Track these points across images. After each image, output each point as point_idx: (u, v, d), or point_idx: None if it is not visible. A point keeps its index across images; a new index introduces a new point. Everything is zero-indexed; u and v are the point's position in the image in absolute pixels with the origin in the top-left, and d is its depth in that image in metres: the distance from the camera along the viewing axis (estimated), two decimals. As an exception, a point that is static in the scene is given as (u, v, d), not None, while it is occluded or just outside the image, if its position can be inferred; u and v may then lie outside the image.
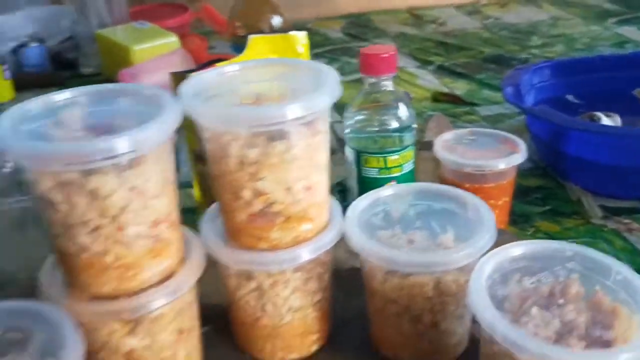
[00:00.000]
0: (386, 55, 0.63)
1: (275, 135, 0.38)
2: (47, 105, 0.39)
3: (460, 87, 1.10)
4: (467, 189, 0.67)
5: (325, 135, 0.41)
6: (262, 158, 0.38)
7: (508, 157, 0.66)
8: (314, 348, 0.47)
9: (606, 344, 0.35)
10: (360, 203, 0.46)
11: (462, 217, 0.45)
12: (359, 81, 0.72)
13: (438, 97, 1.06)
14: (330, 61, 1.24)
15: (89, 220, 0.35)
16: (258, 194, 0.39)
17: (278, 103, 0.41)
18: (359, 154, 0.67)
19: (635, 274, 0.36)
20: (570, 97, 0.87)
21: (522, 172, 0.80)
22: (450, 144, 0.70)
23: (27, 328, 0.37)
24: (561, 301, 0.37)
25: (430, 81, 1.14)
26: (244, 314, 0.45)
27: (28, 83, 1.08)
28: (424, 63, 1.23)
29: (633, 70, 0.88)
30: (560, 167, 0.78)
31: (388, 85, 0.66)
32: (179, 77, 0.53)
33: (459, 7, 1.56)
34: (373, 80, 0.65)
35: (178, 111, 0.37)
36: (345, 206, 0.46)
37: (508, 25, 1.42)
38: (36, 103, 0.38)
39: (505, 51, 1.25)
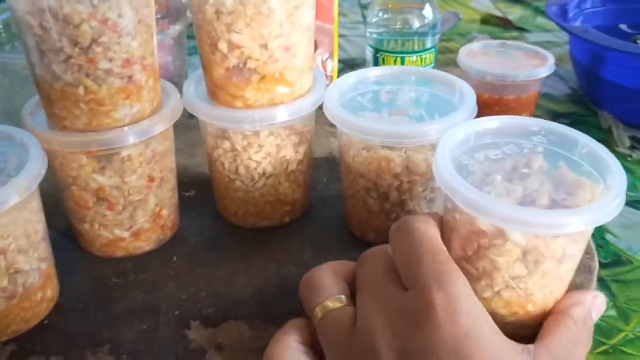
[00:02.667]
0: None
1: (252, -15, 0.38)
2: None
3: (514, 12, 1.05)
4: (486, 100, 0.65)
5: (308, -5, 0.40)
6: (238, 8, 0.38)
7: (531, 70, 0.63)
8: (286, 219, 0.47)
9: (568, 210, 0.34)
10: (347, 78, 0.45)
11: (449, 102, 0.44)
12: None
13: (488, 20, 1.01)
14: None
15: (62, 48, 0.36)
16: (233, 47, 0.39)
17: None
18: (377, 52, 0.65)
19: (601, 145, 0.35)
20: (623, 27, 0.81)
21: (557, 97, 0.76)
22: (475, 53, 0.68)
23: (2, 150, 0.39)
24: (525, 171, 0.35)
25: (483, 4, 1.09)
26: (220, 175, 0.46)
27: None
28: (481, -14, 1.17)
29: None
30: (596, 94, 0.73)
31: (413, -20, 0.63)
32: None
33: None
34: (399, -26, 0.62)
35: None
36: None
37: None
38: None
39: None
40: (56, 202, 0.44)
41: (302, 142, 0.45)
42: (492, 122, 0.38)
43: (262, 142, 0.43)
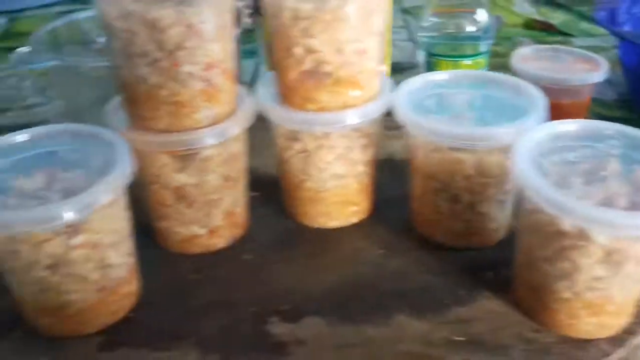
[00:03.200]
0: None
1: (331, -9, 0.39)
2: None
3: (557, 17, 1.04)
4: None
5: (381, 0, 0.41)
6: (316, 13, 0.39)
7: (586, 74, 0.63)
8: (354, 219, 0.48)
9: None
10: (413, 82, 0.46)
11: (516, 106, 0.44)
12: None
13: (531, 24, 1.01)
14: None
15: (148, 52, 0.38)
16: (309, 51, 0.40)
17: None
18: (430, 55, 0.66)
19: None
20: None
21: (605, 102, 0.76)
22: (528, 57, 0.68)
23: (86, 149, 0.41)
24: (603, 173, 0.36)
25: (525, 8, 1.09)
26: (290, 176, 0.47)
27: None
28: (523, -9, 1.17)
29: None
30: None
31: (468, -15, 0.64)
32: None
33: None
34: (453, -21, 0.63)
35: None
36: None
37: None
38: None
39: (616, -15, 1.16)
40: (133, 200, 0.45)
41: (370, 144, 0.46)
42: (566, 126, 0.39)
43: (333, 144, 0.44)
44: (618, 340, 0.37)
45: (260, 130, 0.47)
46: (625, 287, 0.35)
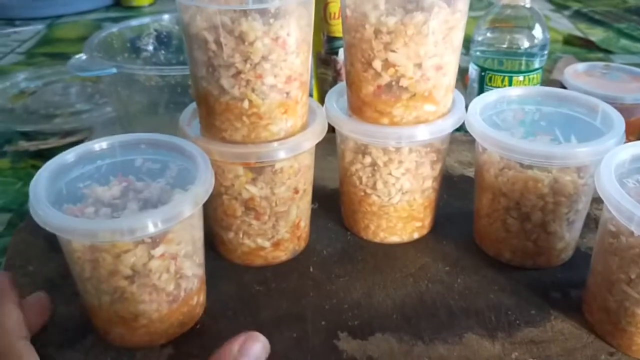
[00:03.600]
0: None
1: (414, 6, 0.39)
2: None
3: (596, 34, 1.04)
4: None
5: (463, 15, 0.41)
6: (399, 28, 0.39)
7: (639, 93, 0.63)
8: (416, 235, 0.48)
9: None
10: (486, 97, 0.46)
11: (590, 124, 0.44)
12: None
13: (571, 40, 1.01)
14: None
15: (233, 63, 0.38)
16: (388, 65, 0.40)
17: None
18: (483, 71, 0.66)
19: None
20: None
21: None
22: (580, 74, 0.68)
23: (164, 159, 0.41)
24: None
25: (564, 25, 1.08)
26: (354, 189, 0.47)
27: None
28: (560, 7, 1.17)
29: None
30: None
31: (526, 0, 0.64)
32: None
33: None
34: (509, -6, 0.63)
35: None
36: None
37: (661, -21, 1.30)
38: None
39: (653, 4, 1.16)
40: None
41: (439, 160, 0.46)
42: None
43: (403, 159, 0.44)
44: (697, 367, 0.37)
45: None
46: None
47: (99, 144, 0.40)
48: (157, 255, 0.35)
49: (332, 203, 0.52)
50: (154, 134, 0.41)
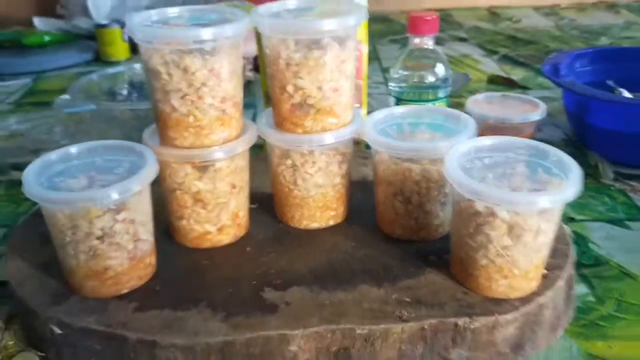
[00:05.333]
0: (429, 18, 0.76)
1: (314, 45, 0.53)
2: (161, 17, 0.56)
3: (517, 74, 1.21)
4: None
5: (351, 51, 0.56)
6: (303, 61, 0.53)
7: (526, 114, 0.78)
8: (331, 222, 0.61)
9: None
10: (378, 114, 0.60)
11: (455, 129, 0.58)
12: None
13: (494, 79, 1.17)
14: (403, 46, 1.37)
15: (180, 89, 0.52)
16: (298, 89, 0.55)
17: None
18: (398, 101, 0.81)
19: (567, 155, 0.50)
20: (610, 82, 0.95)
21: (554, 142, 0.90)
22: (480, 101, 0.83)
23: (119, 158, 0.55)
24: (510, 171, 0.50)
25: (491, 67, 1.25)
26: (281, 186, 0.60)
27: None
28: (490, 52, 1.34)
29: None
30: (584, 137, 0.87)
31: (429, 44, 0.79)
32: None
33: (537, 8, 1.65)
34: (417, 39, 0.78)
35: (247, 22, 0.53)
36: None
37: (581, 26, 1.49)
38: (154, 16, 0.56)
39: (570, 47, 1.33)
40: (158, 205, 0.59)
41: (344, 161, 0.60)
42: (487, 140, 0.53)
43: (315, 159, 0.58)
44: (526, 299, 0.49)
45: (256, 160, 0.61)
46: (527, 255, 0.48)
47: (74, 148, 0.54)
48: (120, 220, 0.49)
49: (269, 203, 0.65)
50: (111, 140, 0.55)
